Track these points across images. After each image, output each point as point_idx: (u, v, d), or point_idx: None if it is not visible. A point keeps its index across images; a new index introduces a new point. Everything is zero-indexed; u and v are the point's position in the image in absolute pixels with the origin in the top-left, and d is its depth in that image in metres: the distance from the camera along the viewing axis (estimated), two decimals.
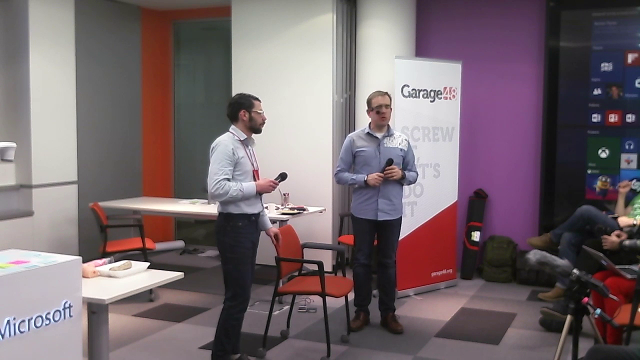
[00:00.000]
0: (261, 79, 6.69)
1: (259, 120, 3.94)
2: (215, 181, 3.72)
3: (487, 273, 6.30)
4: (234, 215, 3.82)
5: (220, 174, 3.73)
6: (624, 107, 5.96)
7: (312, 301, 5.33)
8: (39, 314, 2.63)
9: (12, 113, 6.07)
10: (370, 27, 6.34)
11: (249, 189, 3.81)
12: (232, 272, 3.88)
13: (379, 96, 4.71)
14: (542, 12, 6.26)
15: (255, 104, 3.94)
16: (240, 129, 3.92)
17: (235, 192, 3.75)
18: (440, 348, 4.48)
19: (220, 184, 3.72)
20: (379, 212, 4.70)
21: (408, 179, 4.75)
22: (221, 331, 3.89)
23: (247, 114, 3.90)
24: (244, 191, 3.77)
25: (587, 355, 2.80)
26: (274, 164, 6.59)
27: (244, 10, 6.77)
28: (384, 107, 4.67)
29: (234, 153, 3.79)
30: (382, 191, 4.66)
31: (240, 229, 3.84)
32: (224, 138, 3.86)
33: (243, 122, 3.91)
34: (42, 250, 3.16)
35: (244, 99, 3.95)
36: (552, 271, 3.20)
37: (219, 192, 3.73)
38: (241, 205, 3.82)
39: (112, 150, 7.06)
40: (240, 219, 3.83)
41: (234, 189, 3.74)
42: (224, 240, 3.86)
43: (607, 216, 5.10)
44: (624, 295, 3.77)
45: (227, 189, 3.72)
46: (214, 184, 3.73)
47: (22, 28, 5.97)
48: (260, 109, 3.95)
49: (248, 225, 3.87)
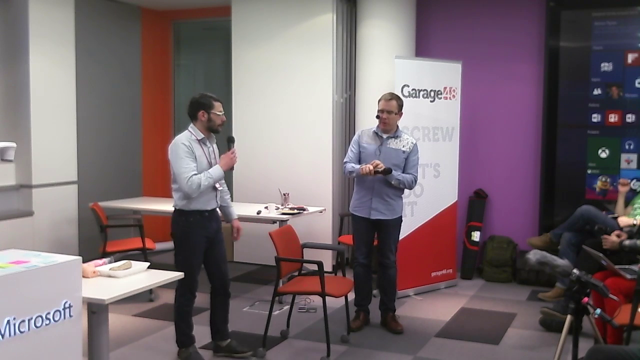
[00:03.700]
0: (261, 79, 6.70)
1: (218, 122, 4.03)
2: (186, 179, 3.86)
3: (487, 273, 6.30)
4: (185, 211, 3.99)
5: (187, 172, 3.87)
6: (624, 107, 5.96)
7: (312, 301, 5.33)
8: (39, 314, 2.63)
9: (12, 113, 6.08)
10: (370, 27, 6.34)
11: (216, 172, 3.96)
12: (181, 263, 4.02)
13: (383, 100, 4.70)
14: (542, 12, 6.26)
15: (215, 105, 4.02)
16: (199, 128, 4.02)
17: (206, 180, 3.90)
18: (440, 348, 4.48)
19: (191, 180, 3.85)
20: (372, 211, 4.70)
21: (397, 177, 4.60)
22: (177, 319, 4.12)
23: (205, 114, 4.00)
24: (213, 176, 3.93)
25: (587, 355, 2.80)
26: (274, 164, 6.64)
27: (244, 10, 6.77)
28: (385, 112, 4.66)
29: (190, 149, 3.92)
30: (376, 190, 4.66)
31: (191, 223, 3.99)
32: (180, 137, 4.00)
33: (201, 122, 4.01)
34: (42, 250, 3.16)
35: (205, 99, 4.03)
36: (552, 271, 3.20)
37: (193, 188, 3.87)
38: (195, 201, 3.96)
39: (112, 150, 7.06)
40: (192, 214, 3.99)
41: (204, 179, 3.89)
42: (175, 233, 4.06)
43: (607, 216, 5.11)
44: (624, 295, 3.76)
45: (198, 182, 3.86)
46: (186, 183, 3.86)
47: (22, 28, 5.97)
48: (220, 110, 4.03)
49: (200, 221, 4.00)
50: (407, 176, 4.68)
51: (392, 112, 4.65)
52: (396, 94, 4.82)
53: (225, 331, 4.29)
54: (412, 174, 4.70)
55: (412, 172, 4.71)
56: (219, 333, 4.28)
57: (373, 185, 4.67)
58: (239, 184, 6.69)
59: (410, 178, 4.69)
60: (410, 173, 4.69)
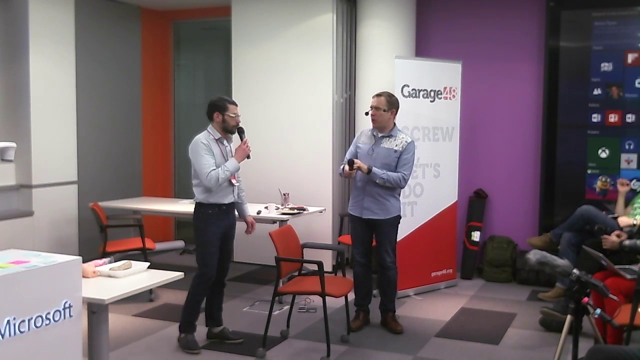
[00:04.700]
0: (261, 79, 6.70)
1: (232, 123, 4.33)
2: (206, 175, 4.18)
3: (487, 273, 6.30)
4: (204, 204, 4.31)
5: (207, 167, 4.18)
6: (624, 107, 5.96)
7: (312, 301, 5.33)
8: (39, 314, 2.63)
9: (12, 113, 6.08)
10: (370, 27, 6.34)
11: (231, 164, 4.28)
12: (200, 253, 4.37)
13: (374, 97, 4.71)
14: (542, 12, 6.26)
15: (229, 107, 4.31)
16: (215, 128, 4.35)
17: (224, 174, 4.21)
18: (440, 348, 4.48)
19: (210, 176, 4.17)
20: (364, 210, 4.70)
21: (380, 176, 4.54)
22: (188, 304, 4.37)
23: (220, 116, 4.31)
24: (230, 168, 4.25)
25: (587, 355, 2.80)
26: (274, 164, 6.64)
27: (244, 10, 6.77)
28: (373, 109, 4.67)
29: (208, 147, 4.24)
30: (368, 190, 4.67)
31: (210, 216, 4.30)
32: (199, 136, 4.31)
33: (217, 123, 4.34)
34: (42, 250, 3.16)
35: (220, 101, 4.35)
36: (552, 271, 3.20)
37: (212, 183, 4.19)
38: (214, 195, 4.28)
39: (112, 150, 7.06)
40: (210, 207, 4.30)
41: (221, 172, 4.20)
42: (196, 224, 4.37)
43: (607, 216, 5.11)
44: (624, 295, 3.76)
45: (216, 176, 4.18)
46: (206, 177, 4.18)
47: (22, 28, 5.97)
48: (234, 112, 4.32)
49: (218, 213, 4.31)
50: (394, 175, 4.60)
51: (380, 108, 4.63)
52: (388, 92, 4.77)
53: (219, 318, 4.54)
54: (402, 172, 4.62)
55: (402, 170, 4.63)
56: (213, 319, 4.53)
57: (365, 185, 4.68)
58: None
59: (396, 177, 4.60)
60: (400, 171, 4.63)
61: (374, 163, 4.63)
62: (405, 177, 4.65)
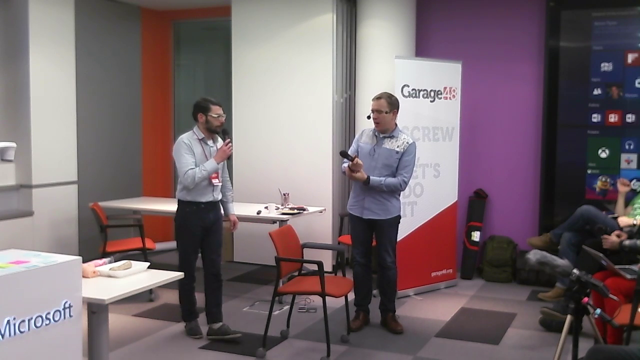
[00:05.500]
0: (261, 79, 6.70)
1: (215, 123, 4.44)
2: (183, 173, 4.31)
3: (487, 273, 6.30)
4: (183, 202, 4.47)
5: (185, 166, 4.31)
6: (624, 107, 5.96)
7: (312, 301, 5.33)
8: (39, 314, 2.63)
9: (12, 113, 6.08)
10: (370, 27, 6.34)
11: (210, 165, 4.37)
12: (179, 247, 4.56)
13: (374, 100, 4.69)
14: (542, 12, 6.26)
15: (212, 108, 4.43)
16: (200, 128, 4.48)
17: (200, 173, 4.32)
18: (440, 348, 4.48)
19: (187, 174, 4.30)
20: (365, 210, 4.70)
21: (378, 185, 4.56)
22: (179, 297, 4.65)
23: (203, 116, 4.44)
24: (207, 168, 4.34)
25: (587, 355, 2.80)
26: (274, 164, 6.64)
27: (244, 10, 6.77)
28: (374, 112, 4.66)
29: (190, 147, 4.36)
30: (369, 190, 4.66)
31: (188, 213, 4.45)
32: (182, 136, 4.45)
33: (201, 123, 4.46)
34: (42, 250, 3.16)
35: (203, 102, 4.48)
36: (552, 271, 3.20)
37: (188, 181, 4.31)
38: (191, 193, 4.41)
39: (112, 150, 7.06)
40: (188, 205, 4.45)
41: (198, 171, 4.31)
42: (176, 221, 4.56)
43: (607, 216, 5.11)
44: (624, 295, 3.77)
45: (193, 175, 4.30)
46: (183, 176, 4.32)
47: (22, 28, 5.97)
48: (217, 113, 4.43)
49: (196, 211, 4.44)
50: (392, 181, 4.60)
51: (382, 111, 4.62)
52: (387, 93, 4.76)
53: (218, 314, 4.62)
54: (402, 174, 4.62)
55: (403, 172, 4.62)
56: (211, 316, 4.61)
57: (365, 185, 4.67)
58: (239, 183, 6.68)
59: (396, 182, 4.60)
60: (400, 174, 4.63)
61: (375, 163, 4.64)
62: (405, 181, 4.65)
